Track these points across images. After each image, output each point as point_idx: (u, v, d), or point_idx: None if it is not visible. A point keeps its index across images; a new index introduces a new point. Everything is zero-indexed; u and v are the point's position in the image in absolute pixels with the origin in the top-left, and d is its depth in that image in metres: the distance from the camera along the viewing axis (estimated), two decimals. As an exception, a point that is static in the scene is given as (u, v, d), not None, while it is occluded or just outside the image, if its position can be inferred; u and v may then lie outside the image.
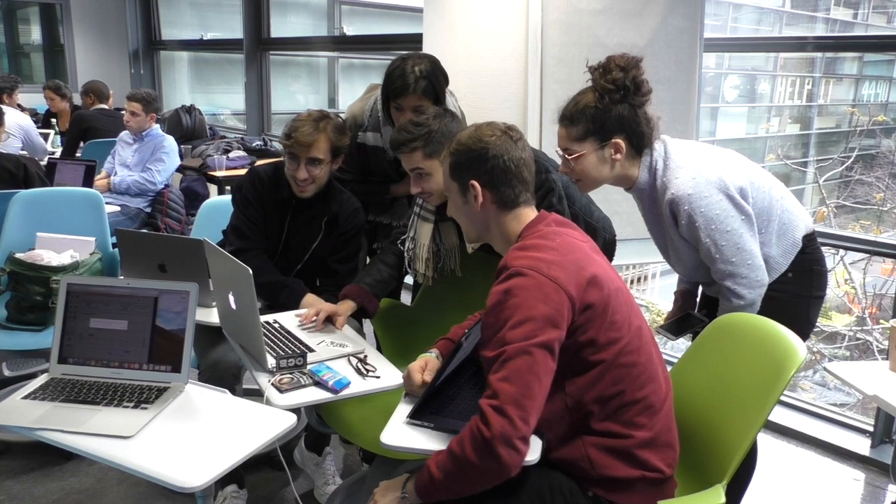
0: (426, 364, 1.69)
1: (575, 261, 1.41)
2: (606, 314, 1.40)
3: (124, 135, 4.31)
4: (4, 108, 3.96)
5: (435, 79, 2.24)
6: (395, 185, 2.54)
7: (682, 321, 2.13)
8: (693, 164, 1.81)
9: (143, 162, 4.18)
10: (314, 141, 2.19)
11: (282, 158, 2.28)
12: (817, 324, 2.10)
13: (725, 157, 1.89)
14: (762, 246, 1.86)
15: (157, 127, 4.31)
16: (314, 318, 2.05)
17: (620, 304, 1.44)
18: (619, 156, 1.83)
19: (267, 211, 2.33)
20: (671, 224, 1.85)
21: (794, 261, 1.89)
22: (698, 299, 2.20)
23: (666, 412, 1.48)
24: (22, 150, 4.66)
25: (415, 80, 2.19)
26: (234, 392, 2.10)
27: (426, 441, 1.48)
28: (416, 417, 1.54)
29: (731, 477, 1.45)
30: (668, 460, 1.45)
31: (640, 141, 1.83)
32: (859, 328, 7.37)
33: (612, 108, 1.79)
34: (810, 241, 1.93)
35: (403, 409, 1.58)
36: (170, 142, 4.30)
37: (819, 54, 12.46)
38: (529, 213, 1.57)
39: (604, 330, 1.39)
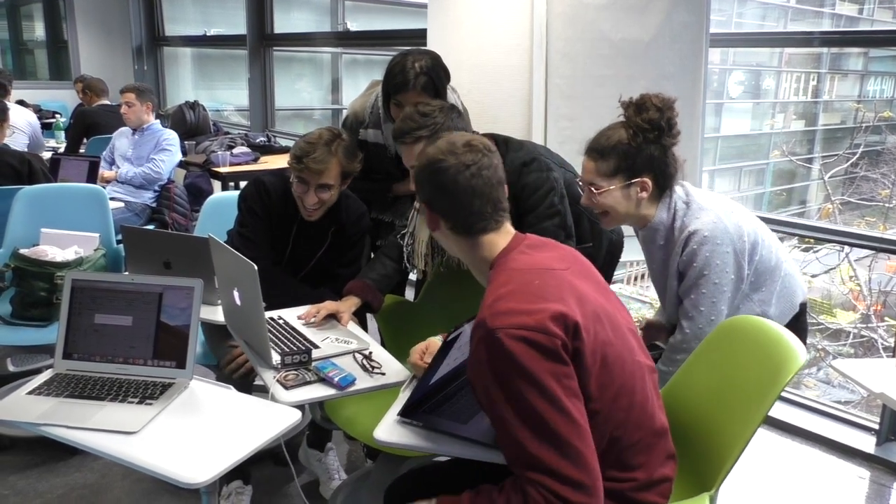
0: (427, 346, 1.67)
1: (557, 298, 1.27)
2: (596, 360, 1.27)
3: (123, 129, 4.31)
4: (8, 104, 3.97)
5: (435, 75, 2.21)
6: (397, 183, 2.53)
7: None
8: (715, 208, 1.83)
9: (145, 156, 4.17)
10: (325, 169, 2.14)
11: (287, 166, 2.24)
12: (821, 321, 2.11)
13: (741, 209, 1.91)
14: (762, 304, 1.89)
15: (157, 122, 4.30)
16: (314, 315, 2.04)
17: (613, 345, 1.31)
18: (644, 194, 1.83)
19: (273, 223, 2.31)
20: (678, 252, 1.85)
21: (789, 325, 1.91)
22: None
23: (663, 445, 1.40)
24: (27, 146, 4.66)
25: (415, 76, 2.17)
26: (249, 386, 2.10)
27: (418, 439, 1.47)
28: (407, 415, 1.51)
29: (721, 483, 1.44)
30: (665, 492, 1.40)
31: (666, 182, 1.85)
32: (864, 325, 7.36)
33: (645, 147, 1.79)
34: (804, 310, 1.97)
35: (399, 406, 1.57)
36: (172, 135, 4.29)
37: (824, 50, 12.41)
38: (498, 240, 1.43)
39: (594, 377, 1.27)
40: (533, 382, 1.20)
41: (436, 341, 1.72)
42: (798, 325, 1.95)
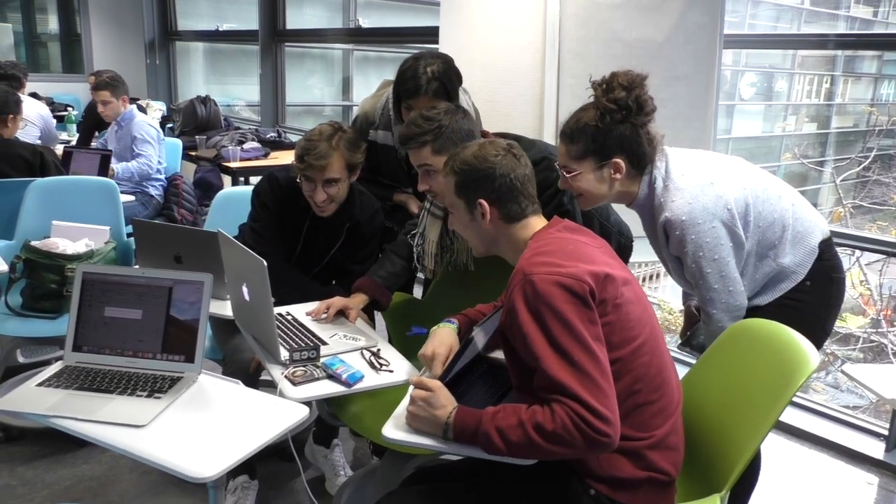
0: (450, 351, 1.66)
1: (588, 261, 1.44)
2: (620, 312, 1.41)
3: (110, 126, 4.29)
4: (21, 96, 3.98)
5: (447, 80, 2.19)
6: (398, 193, 2.52)
7: (696, 335, 2.12)
8: (691, 186, 1.78)
9: (126, 149, 4.13)
10: (328, 164, 2.14)
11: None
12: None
13: (729, 170, 1.85)
14: (776, 257, 1.84)
15: (131, 108, 4.23)
16: (324, 312, 2.04)
17: (635, 305, 1.45)
18: (618, 175, 1.80)
19: (285, 218, 2.30)
20: (663, 243, 1.85)
21: (813, 268, 1.85)
22: None
23: (677, 416, 1.50)
24: (39, 138, 4.68)
25: (427, 81, 2.15)
26: (256, 381, 2.11)
27: (426, 437, 1.46)
28: None
29: (732, 486, 1.44)
30: (675, 462, 1.46)
31: (640, 161, 1.81)
32: (874, 330, 7.31)
33: (614, 127, 1.76)
34: (827, 247, 1.88)
35: (406, 403, 1.56)
36: (146, 126, 4.18)
37: (838, 52, 12.33)
38: (537, 221, 1.61)
39: (618, 329, 1.40)
40: (563, 321, 1.34)
41: (445, 331, 1.71)
42: (822, 265, 1.86)
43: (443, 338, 1.69)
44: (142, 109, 5.00)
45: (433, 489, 1.57)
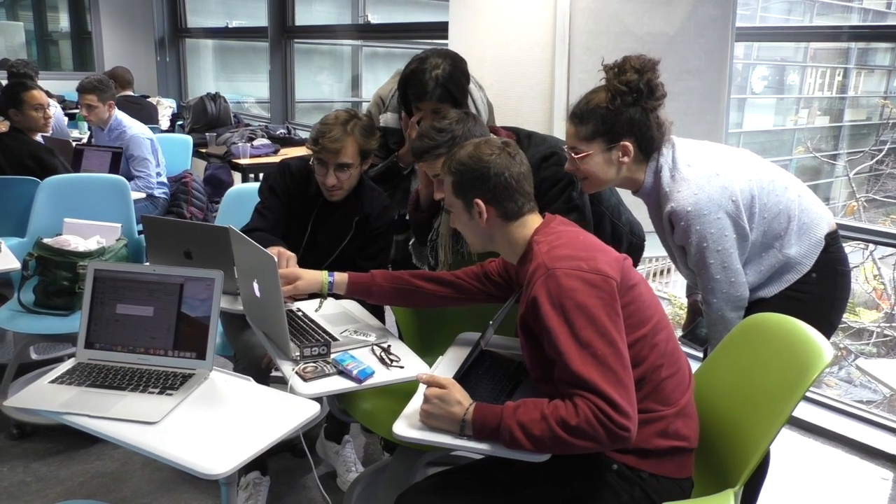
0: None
1: (602, 249, 1.51)
2: (635, 293, 1.47)
3: (94, 128, 4.19)
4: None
5: (454, 84, 2.15)
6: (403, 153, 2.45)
7: (698, 328, 2.11)
8: (697, 177, 1.78)
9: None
10: (342, 147, 2.16)
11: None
12: (844, 319, 2.04)
13: (735, 161, 1.84)
14: (782, 248, 1.83)
15: (118, 117, 4.08)
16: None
17: (644, 285, 1.53)
18: (626, 159, 1.80)
19: (294, 205, 2.31)
20: (669, 232, 1.85)
21: (818, 260, 1.84)
22: None
23: (692, 386, 1.57)
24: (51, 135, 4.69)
25: (433, 87, 2.12)
26: (267, 377, 2.11)
27: (437, 434, 1.46)
28: None
29: (745, 480, 1.43)
30: (695, 430, 1.52)
31: (648, 146, 1.81)
32: (888, 325, 7.25)
33: (624, 110, 1.76)
34: (833, 239, 1.87)
35: (418, 400, 1.56)
36: (142, 141, 3.98)
37: (851, 44, 12.21)
38: (534, 219, 1.62)
39: (635, 310, 1.45)
40: (586, 315, 1.37)
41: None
42: (828, 257, 1.85)
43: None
44: (142, 114, 4.95)
45: (449, 482, 1.57)
